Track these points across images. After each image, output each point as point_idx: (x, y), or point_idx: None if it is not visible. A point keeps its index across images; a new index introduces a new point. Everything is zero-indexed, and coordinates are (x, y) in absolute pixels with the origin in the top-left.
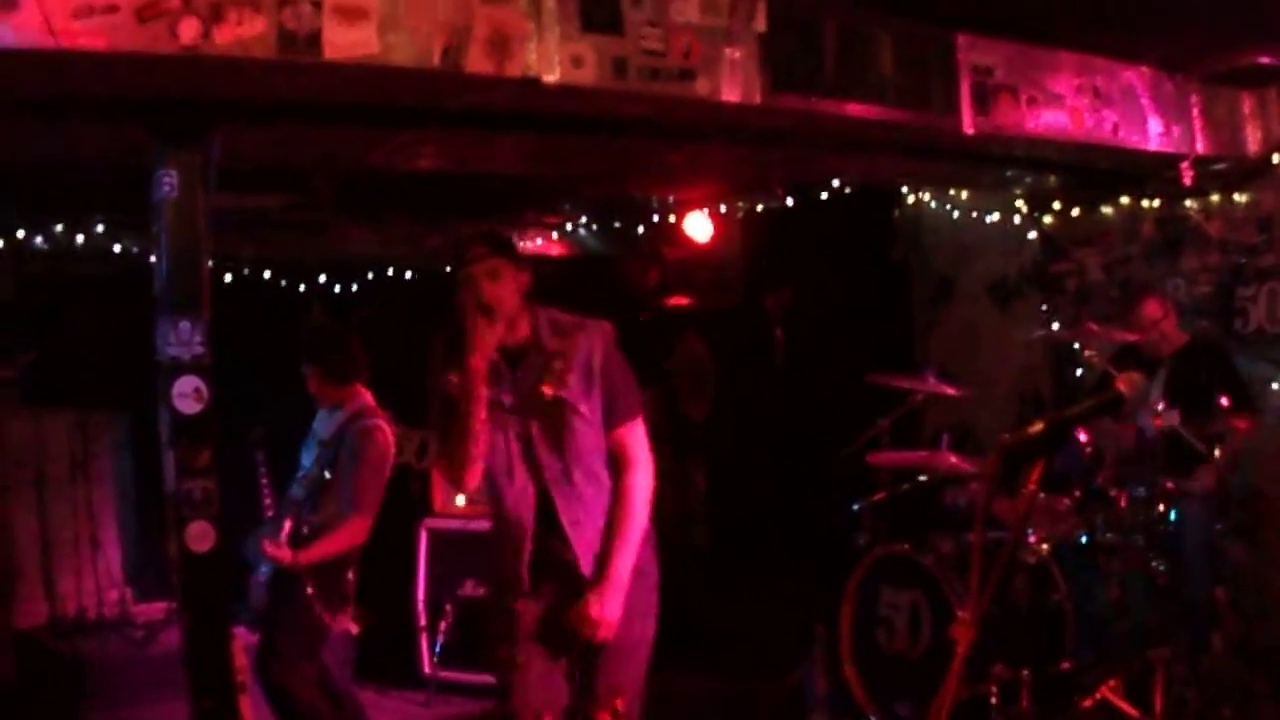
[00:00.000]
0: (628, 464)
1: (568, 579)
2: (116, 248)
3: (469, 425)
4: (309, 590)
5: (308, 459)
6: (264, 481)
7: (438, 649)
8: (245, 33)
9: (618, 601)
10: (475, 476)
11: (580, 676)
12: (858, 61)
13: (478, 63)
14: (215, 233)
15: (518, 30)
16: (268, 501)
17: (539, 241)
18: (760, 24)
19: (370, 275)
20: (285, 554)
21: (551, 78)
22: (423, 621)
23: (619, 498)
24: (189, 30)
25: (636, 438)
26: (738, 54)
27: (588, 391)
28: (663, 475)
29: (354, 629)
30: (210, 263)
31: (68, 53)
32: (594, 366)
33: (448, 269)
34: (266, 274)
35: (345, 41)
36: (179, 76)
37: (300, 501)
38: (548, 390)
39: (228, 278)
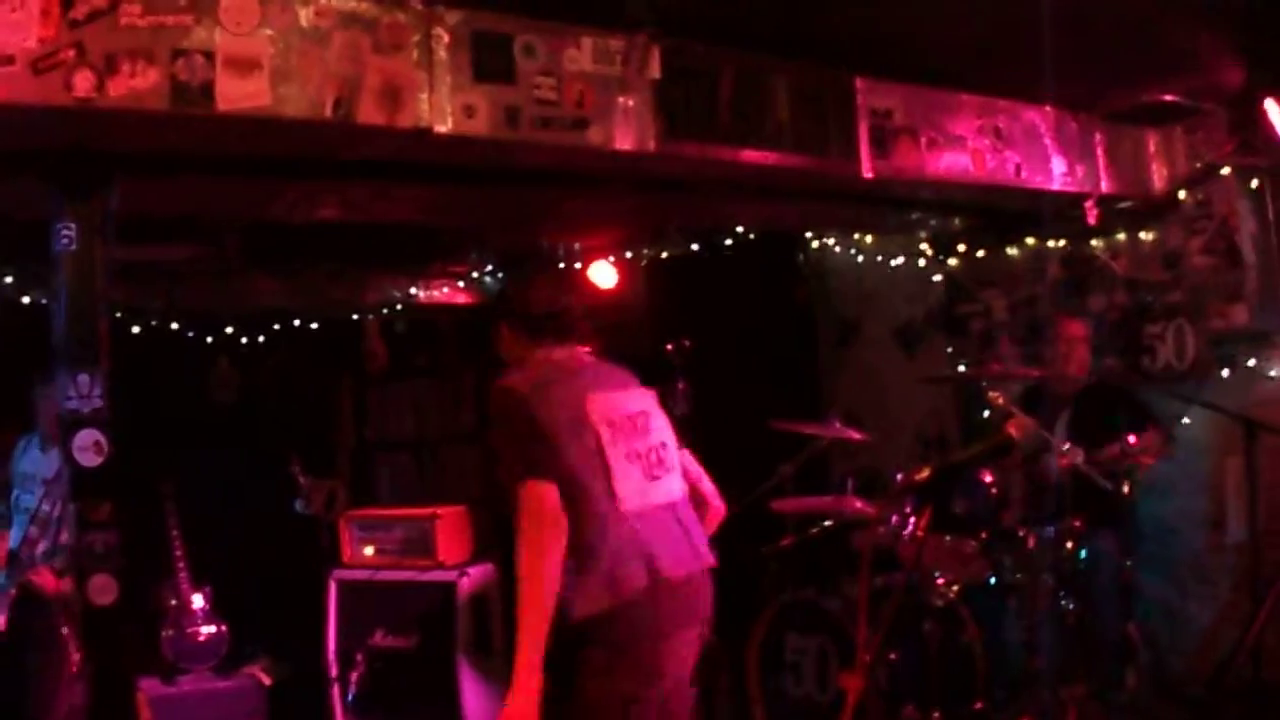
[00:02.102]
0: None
1: None
2: (25, 299)
3: None
4: None
5: (29, 499)
6: (174, 534)
7: (350, 699)
8: (139, 85)
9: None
10: None
11: None
12: (754, 107)
13: (370, 114)
14: (122, 284)
15: (409, 81)
16: (178, 553)
17: (445, 290)
18: (654, 71)
19: (277, 326)
20: None
21: (444, 128)
22: (334, 672)
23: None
24: (84, 82)
25: (521, 505)
26: (631, 102)
27: None
28: None
29: (266, 680)
30: (118, 314)
31: None
32: None
33: (353, 317)
34: (174, 325)
35: (237, 93)
36: (75, 128)
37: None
38: None
39: (135, 329)
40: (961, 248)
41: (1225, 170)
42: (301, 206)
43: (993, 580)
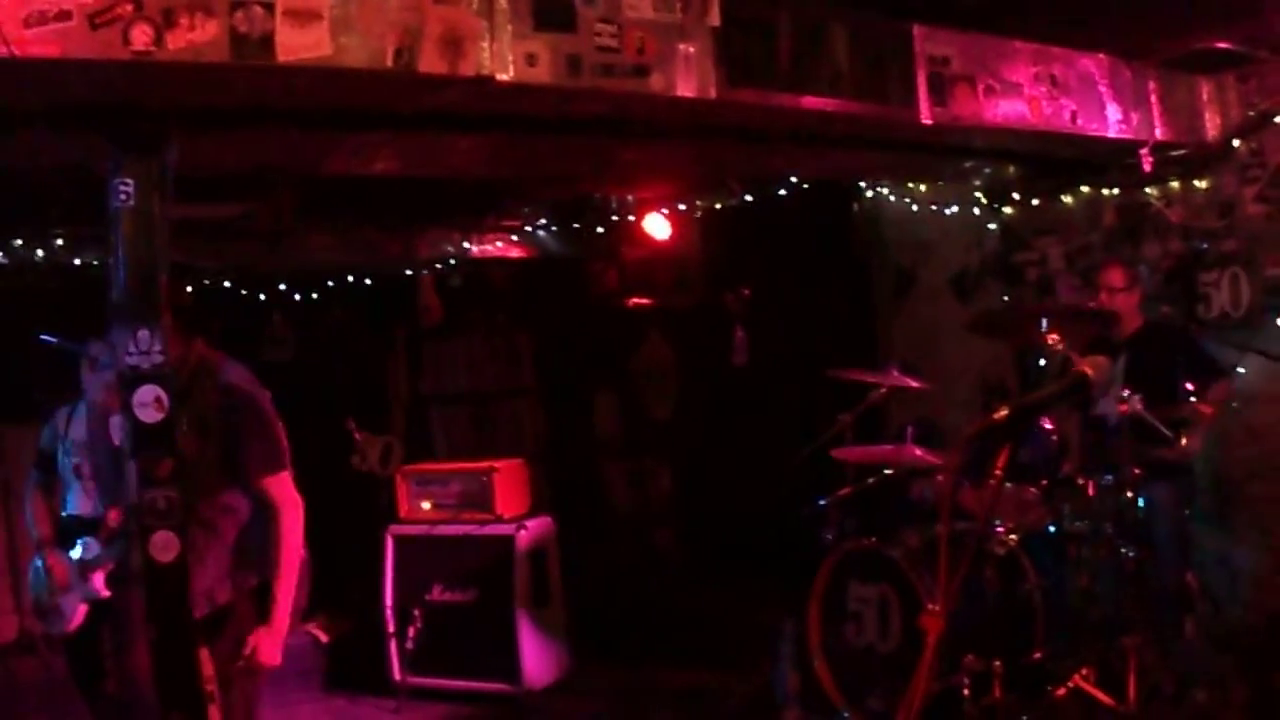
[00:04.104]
0: None
1: None
2: (77, 261)
3: None
4: None
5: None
6: None
7: (407, 655)
8: (197, 37)
9: None
10: None
11: None
12: (813, 54)
13: (431, 63)
14: (174, 242)
15: (470, 29)
16: None
17: (498, 244)
18: (714, 18)
19: (330, 283)
20: None
21: (505, 76)
22: (392, 628)
23: None
24: (141, 36)
25: None
26: (692, 49)
27: None
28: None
29: (323, 637)
30: (169, 273)
31: (20, 61)
32: None
33: (407, 272)
34: (227, 283)
35: (297, 44)
36: (132, 83)
37: None
38: None
39: (188, 288)
40: (1016, 196)
41: (1279, 119)
42: (358, 159)
43: (1052, 528)
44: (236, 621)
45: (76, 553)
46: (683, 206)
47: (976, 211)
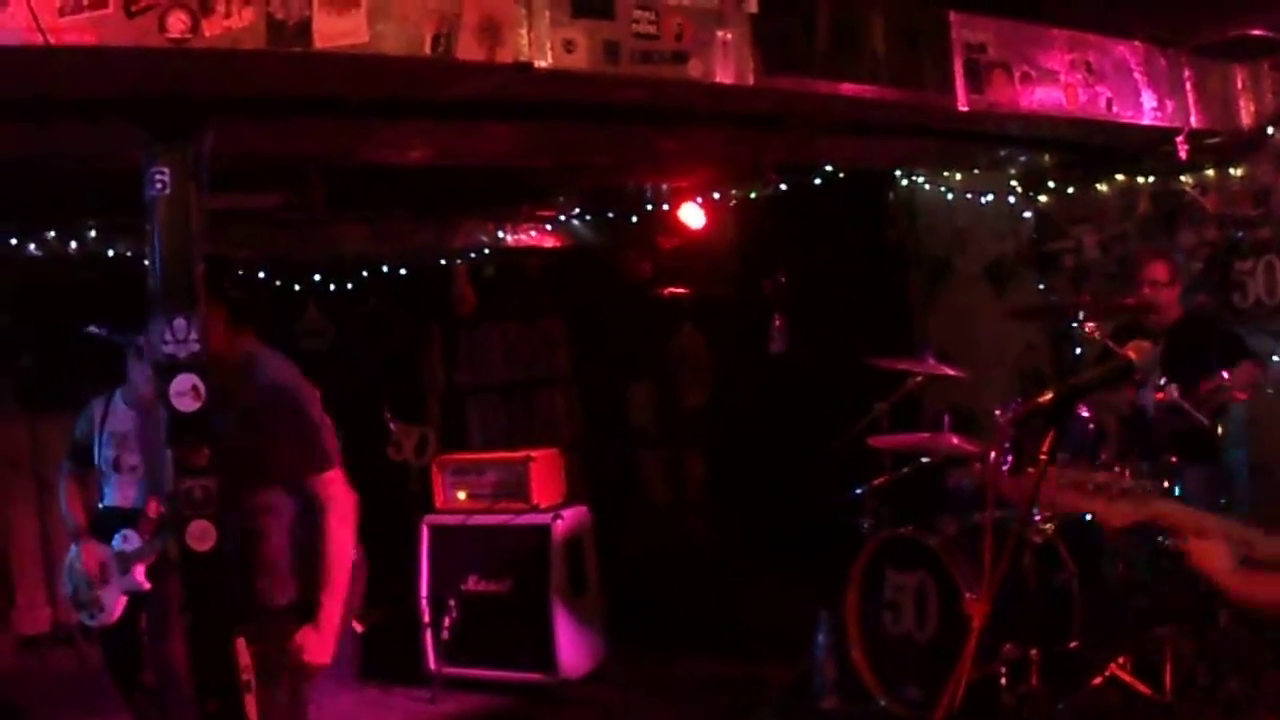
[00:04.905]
0: None
1: None
2: (110, 252)
3: None
4: None
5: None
6: None
7: (442, 645)
8: (234, 24)
9: None
10: None
11: None
12: (850, 41)
13: (469, 50)
14: (209, 232)
15: (508, 16)
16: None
17: (533, 234)
18: (752, 5)
19: (364, 272)
20: None
21: (543, 63)
22: (426, 618)
23: None
24: (177, 23)
25: None
26: (730, 35)
27: None
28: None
29: (359, 627)
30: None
31: (57, 50)
32: None
33: (441, 262)
34: (262, 274)
35: (335, 31)
36: (169, 70)
37: None
38: None
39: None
40: (1051, 184)
41: None
42: (392, 148)
43: (1089, 518)
44: (285, 621)
45: (116, 544)
46: (717, 195)
47: (1012, 200)
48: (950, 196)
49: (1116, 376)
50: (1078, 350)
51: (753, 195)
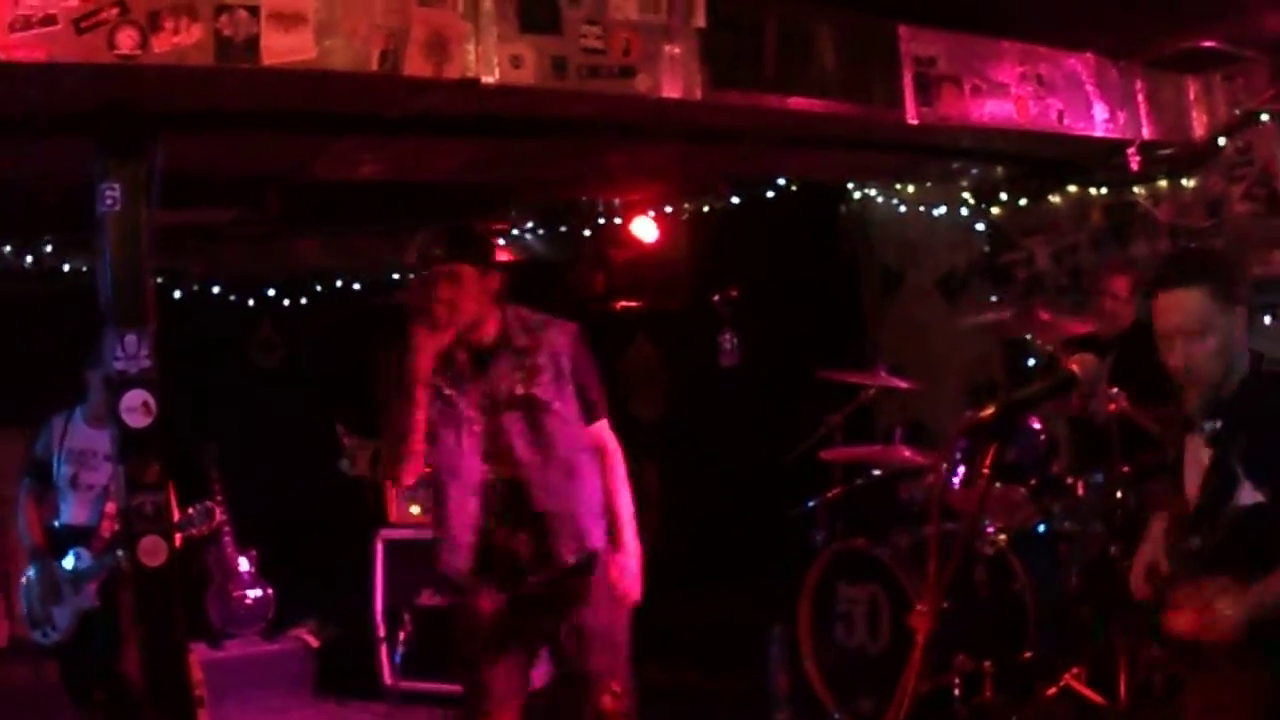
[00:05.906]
0: (611, 453)
1: (518, 570)
2: (66, 267)
3: (406, 424)
4: None
5: (92, 475)
6: (218, 498)
7: (398, 659)
8: (183, 41)
9: (637, 566)
10: (412, 473)
11: (563, 664)
12: (799, 55)
13: (416, 65)
14: (163, 248)
15: (455, 32)
16: (223, 517)
17: None
18: (699, 20)
19: (319, 287)
20: None
21: (491, 79)
22: (382, 632)
23: (613, 482)
24: (127, 40)
25: (610, 431)
26: (677, 50)
27: (559, 389)
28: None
29: (313, 642)
30: (159, 279)
31: (7, 65)
32: (563, 365)
33: (394, 276)
34: (215, 289)
35: (283, 47)
36: (118, 87)
37: None
38: (519, 388)
39: (176, 294)
40: (1004, 196)
41: (1265, 117)
42: (343, 164)
43: (1042, 528)
44: (601, 564)
45: (69, 562)
46: (670, 209)
47: (964, 212)
48: (903, 209)
49: (1059, 390)
50: (1030, 361)
51: (705, 209)
